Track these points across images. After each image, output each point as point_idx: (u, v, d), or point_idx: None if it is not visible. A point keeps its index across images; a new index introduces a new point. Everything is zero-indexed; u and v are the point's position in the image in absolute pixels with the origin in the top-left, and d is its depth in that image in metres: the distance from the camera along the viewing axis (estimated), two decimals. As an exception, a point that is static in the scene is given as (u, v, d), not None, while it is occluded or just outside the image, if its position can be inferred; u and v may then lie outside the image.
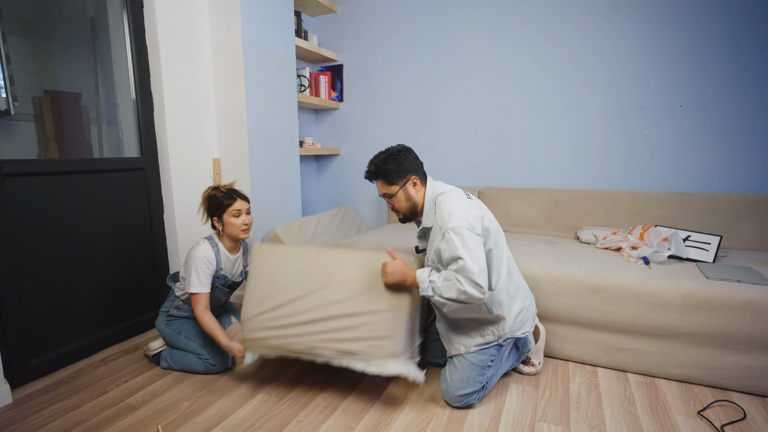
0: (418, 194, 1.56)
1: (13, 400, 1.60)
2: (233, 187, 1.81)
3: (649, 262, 1.86)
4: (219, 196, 1.74)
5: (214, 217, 1.76)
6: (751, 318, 1.53)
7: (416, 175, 1.55)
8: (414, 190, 1.55)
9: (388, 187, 1.55)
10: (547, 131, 2.58)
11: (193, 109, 2.22)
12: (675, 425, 1.42)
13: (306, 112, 3.15)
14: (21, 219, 1.66)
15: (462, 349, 1.55)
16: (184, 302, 1.81)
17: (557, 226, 2.49)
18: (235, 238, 1.78)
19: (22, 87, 1.71)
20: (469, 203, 1.48)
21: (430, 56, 2.81)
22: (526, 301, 1.60)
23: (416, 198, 1.56)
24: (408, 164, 1.53)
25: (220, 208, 1.73)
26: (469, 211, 1.44)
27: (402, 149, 1.56)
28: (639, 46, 2.31)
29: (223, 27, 2.22)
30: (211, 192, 1.78)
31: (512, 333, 1.54)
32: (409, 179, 1.54)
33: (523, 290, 1.61)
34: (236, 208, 1.73)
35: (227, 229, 1.75)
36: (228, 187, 1.79)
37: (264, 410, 1.52)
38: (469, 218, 1.41)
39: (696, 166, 2.29)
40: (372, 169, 1.56)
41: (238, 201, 1.75)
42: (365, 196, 3.18)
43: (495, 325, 1.53)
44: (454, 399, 1.51)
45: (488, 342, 1.53)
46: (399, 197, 1.55)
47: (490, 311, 1.50)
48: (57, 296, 1.80)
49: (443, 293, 1.39)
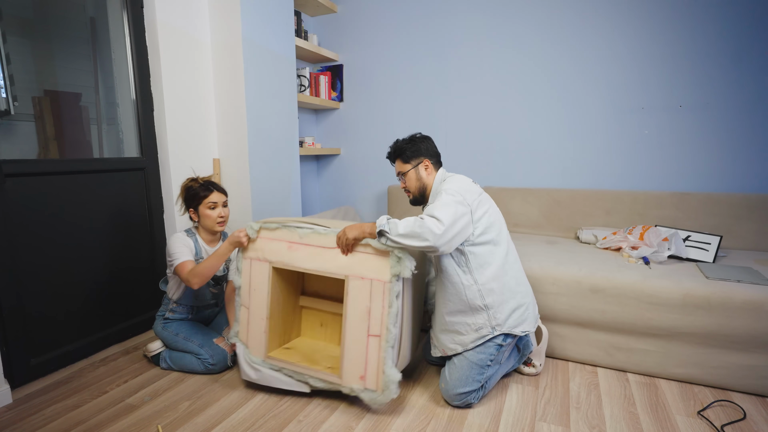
0: (429, 177, 1.67)
1: (13, 400, 1.60)
2: (211, 180, 1.82)
3: (649, 262, 1.86)
4: (195, 188, 1.75)
5: (191, 209, 1.78)
6: (751, 318, 1.53)
7: (430, 159, 1.67)
8: (425, 172, 1.67)
9: (402, 165, 1.69)
10: (547, 131, 2.58)
11: (193, 109, 2.22)
12: (675, 425, 1.42)
13: (306, 112, 3.15)
14: (21, 219, 1.66)
15: (459, 348, 1.55)
16: (178, 304, 1.82)
17: (557, 226, 2.49)
18: (211, 230, 1.79)
19: (22, 87, 1.71)
20: (472, 186, 1.58)
21: (431, 56, 2.81)
22: (526, 299, 1.59)
23: (426, 180, 1.67)
24: (424, 148, 1.67)
25: (196, 199, 1.75)
26: (468, 188, 1.54)
27: (423, 136, 1.71)
28: (639, 46, 2.32)
29: (223, 27, 2.22)
30: (189, 183, 1.79)
31: (509, 329, 1.53)
32: (422, 161, 1.66)
33: (523, 288, 1.60)
34: (212, 200, 1.75)
35: (203, 221, 1.77)
36: (206, 180, 1.80)
37: (264, 410, 1.52)
38: (465, 193, 1.50)
39: (696, 166, 2.29)
40: (392, 148, 1.72)
41: (214, 193, 1.76)
42: (365, 196, 3.18)
43: (487, 316, 1.52)
44: (453, 397, 1.51)
45: (483, 336, 1.52)
46: (410, 176, 1.67)
47: (482, 297, 1.50)
48: (57, 296, 1.80)
49: (399, 229, 1.38)
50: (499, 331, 1.52)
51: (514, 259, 1.61)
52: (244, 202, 2.31)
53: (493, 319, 1.52)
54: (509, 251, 1.59)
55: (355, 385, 1.47)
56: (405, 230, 1.38)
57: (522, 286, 1.60)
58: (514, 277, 1.58)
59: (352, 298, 1.48)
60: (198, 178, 1.80)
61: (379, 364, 1.44)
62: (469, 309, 1.53)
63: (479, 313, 1.52)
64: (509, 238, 1.62)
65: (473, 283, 1.51)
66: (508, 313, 1.53)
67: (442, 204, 1.44)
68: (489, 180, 2.76)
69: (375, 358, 1.44)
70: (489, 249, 1.52)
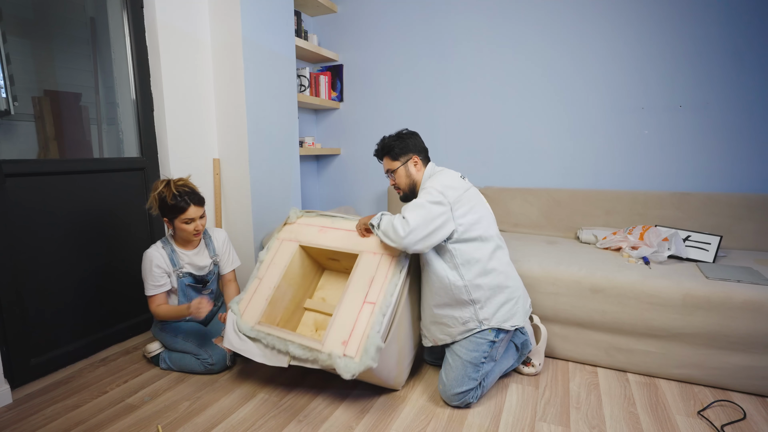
0: (418, 173, 1.69)
1: (13, 400, 1.60)
2: (188, 185, 1.68)
3: (649, 262, 1.86)
4: (168, 201, 1.62)
5: (165, 218, 1.70)
6: (751, 318, 1.53)
7: (418, 155, 1.67)
8: (414, 168, 1.68)
9: (391, 162, 1.70)
10: (547, 131, 2.58)
11: (193, 109, 2.22)
12: (675, 425, 1.42)
13: (306, 112, 3.15)
14: (21, 219, 1.66)
15: (448, 339, 1.56)
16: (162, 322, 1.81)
17: (557, 226, 2.49)
18: (187, 241, 1.75)
19: (22, 87, 1.71)
20: (458, 182, 1.58)
21: (430, 56, 2.81)
22: (515, 294, 1.58)
23: (416, 176, 1.68)
24: (412, 145, 1.68)
25: (171, 213, 1.66)
26: (451, 184, 1.54)
27: (410, 132, 1.72)
28: (639, 46, 2.31)
29: (223, 27, 2.22)
30: (162, 190, 1.63)
31: (498, 324, 1.52)
32: (410, 158, 1.67)
33: (513, 282, 1.59)
34: (188, 216, 1.65)
35: (178, 233, 1.72)
36: (181, 187, 1.66)
37: (264, 410, 1.52)
38: (447, 189, 1.51)
39: (696, 166, 2.29)
40: (380, 146, 1.73)
41: (190, 208, 1.64)
42: (365, 195, 3.18)
43: (473, 310, 1.52)
44: (451, 398, 1.51)
45: (470, 329, 1.52)
46: (400, 173, 1.69)
47: (469, 292, 1.51)
48: (57, 296, 1.80)
49: (381, 224, 1.52)
50: (487, 325, 1.52)
51: (502, 254, 1.61)
52: (244, 202, 2.31)
53: (480, 314, 1.52)
54: (498, 246, 1.59)
55: (335, 350, 1.41)
56: (382, 227, 1.49)
57: (511, 281, 1.59)
58: (503, 273, 1.57)
59: (359, 269, 1.58)
60: (171, 182, 1.66)
61: (366, 330, 1.42)
62: (455, 303, 1.53)
63: (466, 308, 1.53)
64: (499, 233, 1.63)
65: (459, 278, 1.51)
66: (496, 307, 1.53)
67: (414, 205, 1.47)
68: (489, 180, 2.76)
69: (364, 324, 1.44)
70: (476, 246, 1.53)
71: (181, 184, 1.68)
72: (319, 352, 1.43)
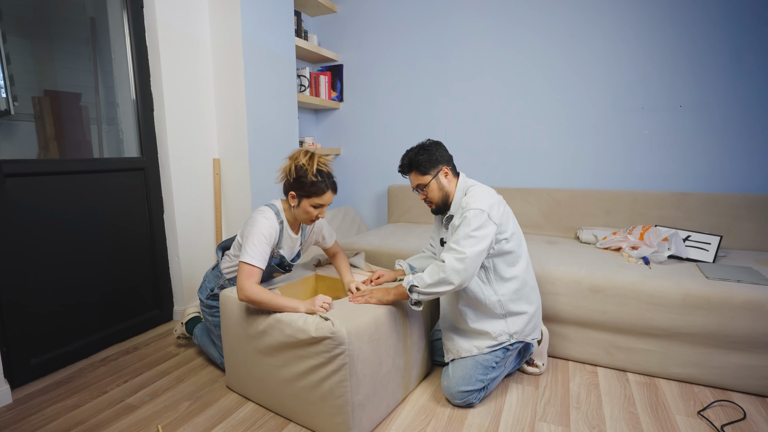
0: (450, 184, 1.58)
1: (13, 400, 1.60)
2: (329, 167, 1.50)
3: (649, 262, 1.86)
4: (309, 180, 1.44)
5: (292, 192, 1.48)
6: (751, 318, 1.53)
7: (448, 165, 1.58)
8: (446, 180, 1.57)
9: (421, 177, 1.57)
10: (547, 131, 2.58)
11: (193, 109, 2.22)
12: (675, 425, 1.42)
13: (306, 112, 3.15)
14: (21, 219, 1.66)
15: (476, 351, 1.55)
16: (230, 282, 1.64)
17: (557, 226, 2.49)
18: (298, 223, 1.60)
19: (22, 87, 1.71)
20: (498, 198, 1.53)
21: (430, 56, 2.81)
22: (538, 307, 1.62)
23: (448, 188, 1.58)
24: (439, 155, 1.56)
25: (304, 190, 1.46)
26: (495, 202, 1.49)
27: (434, 142, 1.59)
28: (639, 46, 2.31)
29: (223, 27, 2.22)
30: (304, 163, 1.44)
31: (523, 337, 1.56)
32: (441, 169, 1.56)
33: (535, 295, 1.62)
34: (322, 201, 1.47)
35: (298, 212, 1.51)
36: (324, 166, 1.48)
37: (264, 410, 1.52)
38: (491, 209, 1.45)
39: (696, 166, 2.29)
40: (405, 161, 1.59)
41: (327, 194, 1.47)
42: (365, 196, 3.18)
43: (505, 324, 1.54)
44: (454, 395, 1.51)
45: (501, 343, 1.54)
46: (432, 187, 1.56)
47: (502, 307, 1.52)
48: (57, 296, 1.80)
49: (426, 279, 1.42)
50: (516, 339, 1.54)
51: (531, 269, 1.62)
52: (244, 202, 2.31)
53: (511, 327, 1.54)
54: (528, 260, 1.61)
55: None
56: (431, 279, 1.41)
57: (535, 293, 1.62)
58: (533, 288, 1.60)
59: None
60: (316, 156, 1.46)
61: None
62: (489, 318, 1.55)
63: (499, 321, 1.54)
64: (525, 245, 1.61)
65: (493, 293, 1.53)
66: (526, 321, 1.56)
67: (465, 235, 1.40)
68: (489, 180, 2.76)
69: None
70: (511, 260, 1.54)
71: (323, 162, 1.49)
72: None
